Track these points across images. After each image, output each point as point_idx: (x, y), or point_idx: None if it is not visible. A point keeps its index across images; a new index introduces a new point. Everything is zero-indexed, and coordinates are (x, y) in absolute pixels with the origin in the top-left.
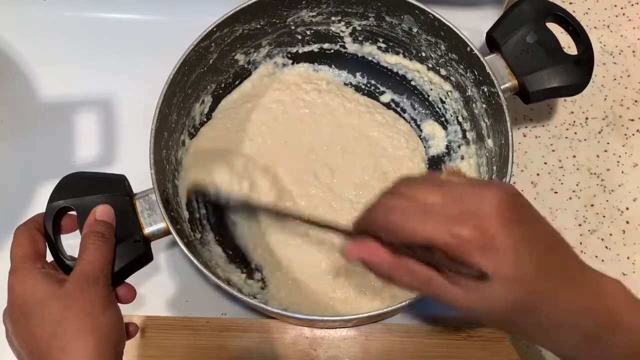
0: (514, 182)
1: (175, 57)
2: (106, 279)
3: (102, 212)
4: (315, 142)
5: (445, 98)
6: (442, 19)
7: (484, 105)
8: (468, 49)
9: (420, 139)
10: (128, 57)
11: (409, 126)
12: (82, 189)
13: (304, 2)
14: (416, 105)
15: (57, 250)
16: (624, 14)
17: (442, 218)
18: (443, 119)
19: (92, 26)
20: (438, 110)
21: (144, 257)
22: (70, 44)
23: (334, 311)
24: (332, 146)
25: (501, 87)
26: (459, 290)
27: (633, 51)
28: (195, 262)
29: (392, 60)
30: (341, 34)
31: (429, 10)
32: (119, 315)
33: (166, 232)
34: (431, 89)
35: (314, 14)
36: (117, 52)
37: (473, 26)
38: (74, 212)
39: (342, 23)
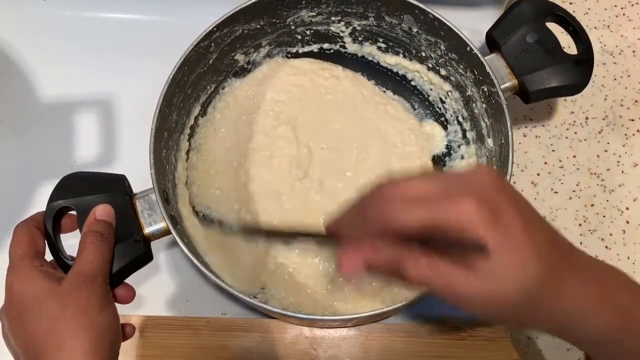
0: (514, 182)
1: (175, 57)
2: (104, 279)
3: (102, 211)
4: (340, 135)
5: (445, 98)
6: (442, 19)
7: (484, 105)
8: (468, 48)
9: None
10: (128, 57)
11: (416, 121)
12: (82, 189)
13: (303, 2)
14: (416, 106)
15: (57, 249)
16: (624, 14)
17: (442, 199)
18: (443, 119)
19: (92, 26)
20: (438, 110)
21: (144, 257)
22: (70, 44)
23: (334, 311)
24: (350, 145)
25: (501, 87)
26: (468, 273)
27: (633, 51)
28: (195, 261)
29: (392, 61)
30: (341, 34)
31: (429, 10)
32: (115, 314)
33: (166, 232)
34: (431, 89)
35: (313, 14)
36: (117, 52)
37: (473, 26)
38: (74, 212)
39: (342, 23)
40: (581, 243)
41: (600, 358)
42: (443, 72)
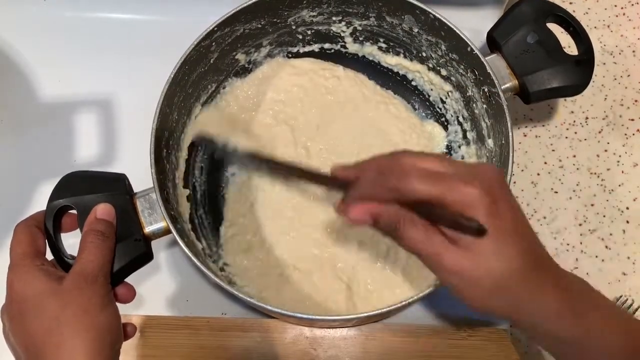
0: (514, 182)
1: (176, 57)
2: (105, 278)
3: (103, 210)
4: (340, 135)
5: (446, 98)
6: (442, 19)
7: (485, 106)
8: (469, 49)
9: None
10: (128, 57)
11: (418, 120)
12: (82, 188)
13: (304, 2)
14: (417, 106)
15: (57, 248)
16: (624, 14)
17: (453, 180)
18: (443, 119)
19: (92, 26)
20: (438, 110)
21: (145, 256)
22: (70, 44)
23: (334, 311)
24: (350, 145)
25: (502, 87)
26: (457, 249)
27: (633, 51)
28: (196, 261)
29: (393, 61)
30: (342, 34)
31: (430, 10)
32: (116, 314)
33: (166, 231)
34: (432, 90)
35: (314, 13)
36: (117, 52)
37: (473, 26)
38: (74, 211)
39: (343, 23)
40: (581, 243)
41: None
42: (444, 72)
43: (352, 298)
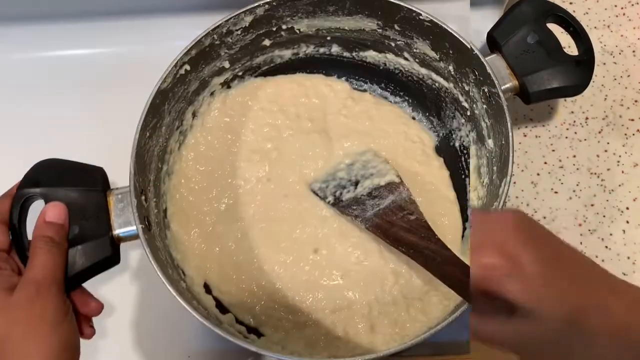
0: (514, 182)
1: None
2: (59, 287)
3: (53, 213)
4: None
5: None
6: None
7: (485, 106)
8: (468, 49)
9: None
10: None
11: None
12: (55, 179)
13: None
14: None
15: (21, 242)
16: (624, 14)
17: (472, 251)
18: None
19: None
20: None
21: (112, 259)
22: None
23: (334, 349)
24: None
25: (502, 88)
26: (503, 320)
27: (633, 51)
28: (159, 273)
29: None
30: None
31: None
32: (73, 328)
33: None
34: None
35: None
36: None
37: (474, 26)
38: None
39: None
40: (581, 243)
41: None
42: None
43: (352, 334)
